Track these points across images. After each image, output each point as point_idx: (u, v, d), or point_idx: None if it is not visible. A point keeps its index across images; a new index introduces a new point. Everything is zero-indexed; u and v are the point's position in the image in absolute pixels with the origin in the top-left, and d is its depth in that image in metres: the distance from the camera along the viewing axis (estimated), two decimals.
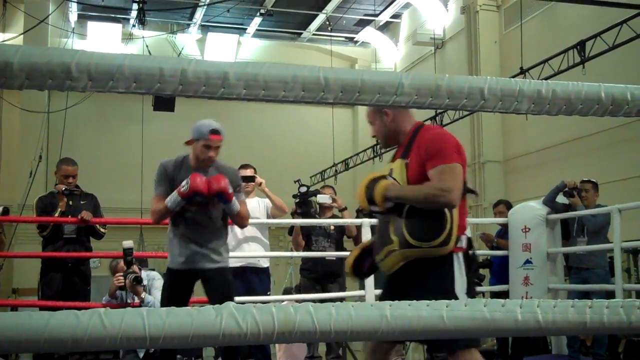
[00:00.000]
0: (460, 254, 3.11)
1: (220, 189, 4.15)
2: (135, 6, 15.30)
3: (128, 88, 1.10)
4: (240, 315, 1.15)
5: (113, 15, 16.66)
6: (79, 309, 5.34)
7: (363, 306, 1.24)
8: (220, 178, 4.18)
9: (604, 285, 6.68)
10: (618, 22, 9.61)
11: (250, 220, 6.53)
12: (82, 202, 6.40)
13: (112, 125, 16.59)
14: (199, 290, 4.69)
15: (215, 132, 4.37)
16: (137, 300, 5.85)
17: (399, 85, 1.23)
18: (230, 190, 4.23)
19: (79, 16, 16.77)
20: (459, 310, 1.26)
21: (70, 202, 6.34)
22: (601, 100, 1.35)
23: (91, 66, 1.07)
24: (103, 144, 16.53)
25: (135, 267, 5.78)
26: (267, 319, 1.15)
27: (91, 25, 16.35)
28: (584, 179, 7.14)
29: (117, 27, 16.46)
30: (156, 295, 5.81)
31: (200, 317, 1.13)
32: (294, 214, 7.03)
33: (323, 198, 7.11)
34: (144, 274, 6.12)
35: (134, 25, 16.19)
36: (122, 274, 5.78)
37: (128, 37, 16.39)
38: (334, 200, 7.23)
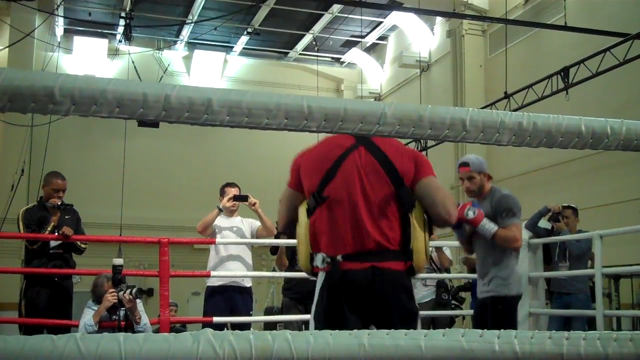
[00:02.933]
0: (321, 274, 2.91)
1: None
2: (122, 22, 15.33)
3: (111, 113, 1.10)
4: (218, 341, 1.15)
5: (99, 31, 16.67)
6: (64, 326, 5.25)
7: (341, 334, 1.24)
8: None
9: (585, 311, 6.71)
10: (601, 50, 9.74)
11: (235, 240, 6.53)
12: (66, 217, 6.36)
13: (96, 140, 16.53)
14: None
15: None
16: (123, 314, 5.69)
17: (381, 115, 1.24)
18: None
19: (65, 30, 16.75)
20: (436, 340, 1.27)
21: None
22: (581, 134, 1.36)
23: (75, 90, 1.07)
24: (86, 158, 16.46)
25: (124, 286, 5.64)
26: (244, 345, 1.15)
27: (77, 39, 16.35)
28: (564, 205, 7.20)
29: (103, 42, 16.46)
30: (145, 317, 5.71)
31: (178, 343, 1.12)
32: (280, 234, 7.01)
33: None
34: None
35: (120, 41, 16.18)
36: (115, 290, 5.58)
37: (114, 53, 16.39)
38: None
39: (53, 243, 6.30)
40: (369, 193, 2.86)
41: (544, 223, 7.14)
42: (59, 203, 6.30)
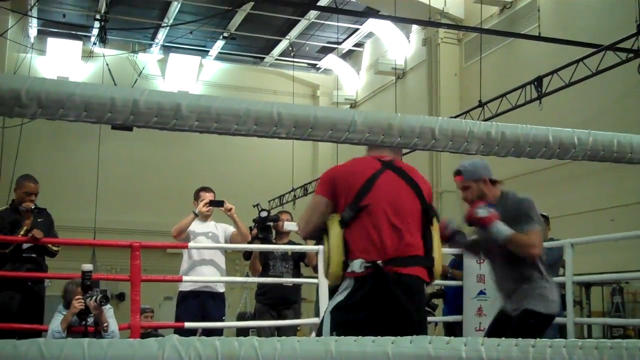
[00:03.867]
0: (352, 279, 3.08)
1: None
2: (97, 24, 15.22)
3: (78, 117, 1.09)
4: (184, 347, 1.14)
5: (74, 32, 16.53)
6: (35, 331, 5.17)
7: (308, 341, 1.24)
8: None
9: (556, 319, 6.76)
10: (575, 60, 9.85)
11: (208, 244, 6.50)
12: (39, 220, 6.29)
13: (69, 143, 16.38)
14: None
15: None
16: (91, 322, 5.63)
17: (351, 122, 1.24)
18: None
19: (39, 32, 16.61)
20: (404, 347, 1.27)
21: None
22: (549, 144, 1.38)
23: (42, 94, 1.06)
24: (59, 161, 16.31)
25: (93, 291, 5.57)
26: (210, 352, 1.14)
27: (51, 41, 16.21)
28: None
29: (77, 44, 16.34)
30: (112, 323, 5.64)
31: (142, 349, 1.11)
32: (253, 239, 6.99)
33: (291, 225, 7.03)
34: None
35: (95, 43, 16.07)
36: (81, 296, 5.53)
37: (88, 55, 16.27)
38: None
39: (25, 246, 6.22)
40: (402, 205, 3.17)
41: None
42: (32, 207, 6.22)
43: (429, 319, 8.06)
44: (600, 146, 1.43)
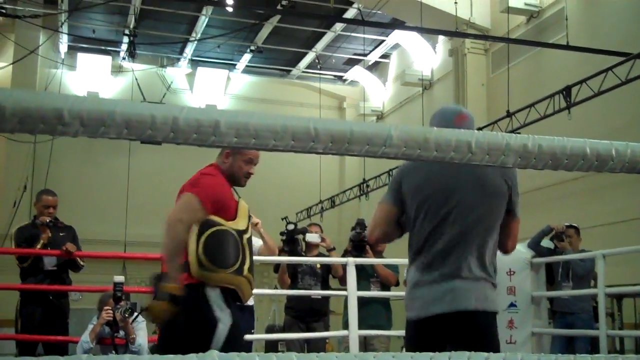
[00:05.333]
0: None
1: None
2: (125, 39, 15.42)
3: (119, 134, 1.10)
4: None
5: (103, 48, 16.75)
6: (59, 343, 5.24)
7: (346, 356, 1.24)
8: None
9: (588, 331, 6.69)
10: (604, 69, 9.76)
11: None
12: (61, 234, 6.35)
13: (99, 157, 16.54)
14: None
15: None
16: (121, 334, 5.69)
17: (387, 137, 1.24)
18: None
19: (69, 47, 16.84)
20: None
21: (50, 234, 6.29)
22: (586, 156, 1.37)
23: (83, 112, 1.08)
24: (89, 175, 16.47)
25: (123, 303, 5.65)
26: None
27: (81, 56, 16.43)
28: (567, 224, 7.19)
29: (106, 59, 16.55)
30: (141, 336, 5.69)
31: None
32: (280, 252, 7.00)
33: (313, 237, 7.06)
34: None
35: (124, 58, 16.28)
36: (111, 308, 5.61)
37: (118, 70, 16.47)
38: (323, 239, 7.20)
39: (48, 262, 6.27)
40: None
41: (546, 242, 7.12)
42: (48, 220, 6.27)
43: None
44: (638, 157, 1.42)
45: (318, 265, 7.06)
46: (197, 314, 3.29)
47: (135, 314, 5.58)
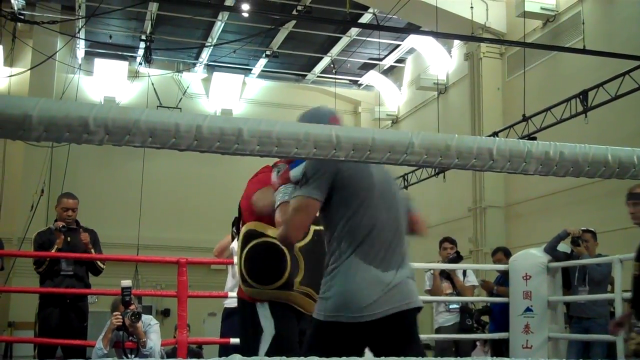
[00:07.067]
0: None
1: None
2: (142, 44, 15.53)
3: (144, 142, 1.12)
4: None
5: (120, 53, 16.86)
6: (77, 346, 5.26)
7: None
8: None
9: (605, 336, 6.64)
10: (620, 73, 9.71)
11: None
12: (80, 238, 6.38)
13: (114, 161, 16.62)
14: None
15: None
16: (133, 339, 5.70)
17: (409, 144, 1.25)
18: None
19: (86, 53, 16.95)
20: None
21: (69, 239, 6.31)
22: (608, 163, 1.36)
23: (108, 121, 1.09)
24: (104, 178, 16.56)
25: (133, 307, 5.66)
26: None
27: (98, 62, 16.54)
28: (583, 229, 7.15)
29: (123, 65, 16.66)
30: (153, 339, 5.70)
31: None
32: None
33: None
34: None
35: (140, 63, 16.37)
36: (120, 313, 5.64)
37: (134, 75, 16.55)
38: None
39: (64, 266, 6.31)
40: None
41: (562, 247, 7.10)
42: (61, 226, 6.29)
43: (477, 336, 7.99)
44: None
45: None
46: (244, 321, 3.39)
47: (143, 317, 5.60)
